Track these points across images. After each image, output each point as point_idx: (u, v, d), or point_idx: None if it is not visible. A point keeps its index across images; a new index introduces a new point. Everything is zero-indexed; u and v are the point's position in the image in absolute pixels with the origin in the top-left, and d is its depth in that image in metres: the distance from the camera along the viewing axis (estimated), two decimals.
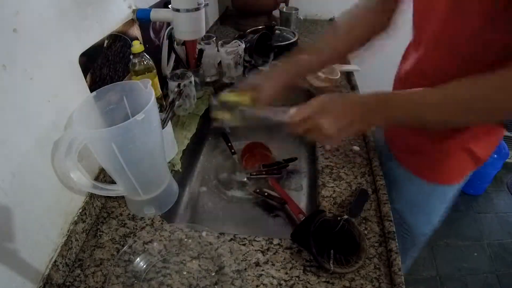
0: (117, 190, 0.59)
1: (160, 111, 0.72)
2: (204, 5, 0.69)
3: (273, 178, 0.79)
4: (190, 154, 0.88)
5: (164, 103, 0.75)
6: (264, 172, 0.81)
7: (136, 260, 0.56)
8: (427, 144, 0.66)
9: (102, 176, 0.65)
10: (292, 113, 0.55)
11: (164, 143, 0.64)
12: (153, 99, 0.50)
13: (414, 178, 0.71)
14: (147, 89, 0.53)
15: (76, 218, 0.57)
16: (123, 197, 0.66)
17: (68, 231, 0.56)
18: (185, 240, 0.59)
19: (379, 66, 1.16)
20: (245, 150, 0.89)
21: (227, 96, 0.64)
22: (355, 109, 0.51)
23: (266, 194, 0.74)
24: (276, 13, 1.51)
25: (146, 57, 0.70)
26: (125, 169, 0.53)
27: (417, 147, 0.68)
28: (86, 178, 0.54)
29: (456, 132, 0.61)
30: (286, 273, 0.54)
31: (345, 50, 0.71)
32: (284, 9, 1.42)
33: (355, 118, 0.50)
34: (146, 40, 0.81)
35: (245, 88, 0.65)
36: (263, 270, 0.54)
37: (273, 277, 0.53)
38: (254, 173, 0.81)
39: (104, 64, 0.64)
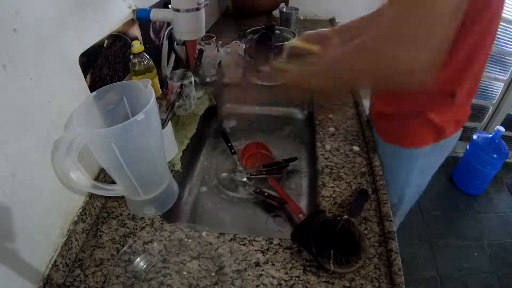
0: (117, 190, 0.59)
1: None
2: (204, 5, 0.69)
3: (273, 178, 0.79)
4: (190, 154, 0.88)
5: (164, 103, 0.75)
6: (264, 172, 0.81)
7: (136, 260, 0.56)
8: (390, 110, 0.74)
9: (102, 176, 0.65)
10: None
11: (164, 143, 0.64)
12: (153, 99, 0.50)
13: (381, 141, 0.78)
14: (147, 89, 0.53)
15: (76, 218, 0.57)
16: (123, 197, 0.66)
17: (68, 231, 0.56)
18: (185, 240, 0.59)
19: None
20: (245, 150, 0.89)
21: (298, 43, 0.69)
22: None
23: (266, 194, 0.74)
24: (276, 13, 1.51)
25: (146, 57, 0.70)
26: (125, 169, 0.53)
27: (384, 113, 0.77)
28: (86, 178, 0.54)
29: (414, 99, 0.66)
30: (286, 273, 0.54)
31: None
32: (284, 9, 1.42)
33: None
34: (146, 40, 0.81)
35: (313, 38, 0.72)
36: (263, 270, 0.54)
37: (273, 277, 0.53)
38: (254, 173, 0.81)
39: (104, 64, 0.64)
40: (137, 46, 0.67)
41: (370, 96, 0.87)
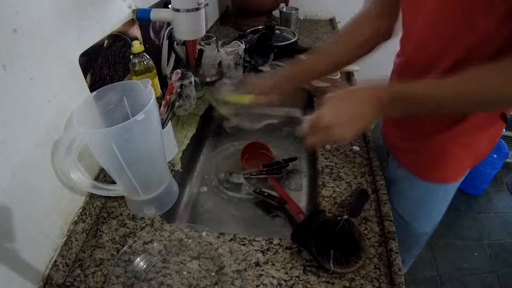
0: (117, 190, 0.59)
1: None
2: (204, 5, 0.69)
3: (273, 178, 0.79)
4: (190, 154, 0.88)
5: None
6: (264, 172, 0.81)
7: (136, 260, 0.56)
8: (423, 143, 0.66)
9: (102, 176, 0.65)
10: (305, 126, 0.53)
11: (165, 143, 0.64)
12: (153, 99, 0.50)
13: (414, 178, 0.71)
14: (147, 89, 0.53)
15: (76, 218, 0.58)
16: (123, 197, 0.66)
17: (68, 231, 0.56)
18: (185, 240, 0.59)
19: (379, 66, 1.16)
20: (245, 150, 0.89)
21: (228, 96, 0.67)
22: (367, 107, 0.49)
23: (266, 194, 0.74)
24: (276, 13, 1.51)
25: (146, 57, 0.70)
26: (125, 169, 0.53)
27: (414, 147, 0.68)
28: (86, 178, 0.54)
29: (452, 127, 0.60)
30: (286, 273, 0.54)
31: (347, 56, 0.72)
32: (284, 9, 1.42)
33: (368, 118, 0.50)
34: (146, 40, 0.81)
35: (244, 89, 0.67)
36: (263, 270, 0.54)
37: (273, 277, 0.53)
38: (254, 173, 0.81)
39: (104, 64, 0.64)
40: (137, 46, 0.67)
41: (384, 130, 0.79)
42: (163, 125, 0.68)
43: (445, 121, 0.60)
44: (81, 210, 0.59)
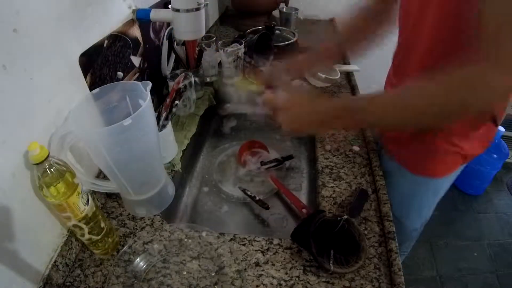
0: (110, 186, 0.60)
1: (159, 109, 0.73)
2: (204, 5, 0.69)
3: (272, 175, 0.79)
4: (190, 154, 0.88)
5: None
6: (262, 169, 0.82)
7: (136, 260, 0.56)
8: (415, 139, 0.67)
9: (102, 176, 0.65)
10: (264, 99, 0.64)
11: (165, 143, 0.64)
12: (145, 104, 0.50)
13: (404, 171, 0.73)
14: (146, 91, 0.53)
15: None
16: None
17: (68, 231, 0.56)
18: (185, 240, 0.59)
19: (379, 66, 1.16)
20: (243, 149, 0.89)
21: (239, 82, 0.74)
22: (313, 118, 0.55)
23: (253, 196, 0.74)
24: (276, 13, 1.51)
25: (54, 161, 0.45)
26: (114, 170, 0.52)
27: (407, 142, 0.70)
28: (79, 173, 0.54)
29: (442, 128, 0.62)
30: (286, 273, 0.54)
31: (345, 46, 0.75)
32: (284, 9, 1.42)
33: (310, 127, 0.57)
34: (146, 40, 0.81)
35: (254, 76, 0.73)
36: (263, 270, 0.54)
37: (273, 277, 0.53)
38: (253, 171, 0.82)
39: (104, 64, 0.64)
40: (36, 153, 0.41)
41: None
42: (162, 127, 0.67)
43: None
44: None
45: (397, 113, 0.47)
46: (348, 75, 1.11)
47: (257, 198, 0.74)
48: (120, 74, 0.70)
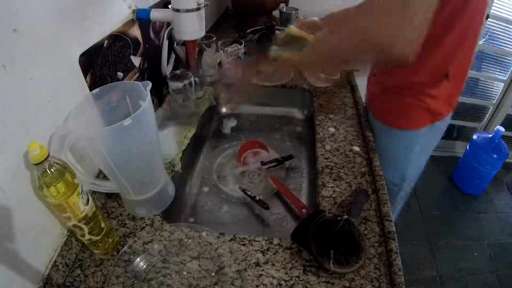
0: (109, 187, 0.60)
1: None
2: (204, 5, 0.69)
3: (273, 175, 0.79)
4: (190, 154, 0.88)
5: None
6: (262, 168, 0.82)
7: (136, 260, 0.56)
8: (389, 95, 0.79)
9: (103, 176, 0.65)
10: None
11: (165, 143, 0.64)
12: (145, 104, 0.50)
13: (380, 124, 0.83)
14: (146, 91, 0.53)
15: None
16: None
17: (68, 231, 0.56)
18: (185, 240, 0.59)
19: None
20: (243, 149, 0.89)
21: (293, 30, 0.76)
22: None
23: (253, 196, 0.74)
24: (276, 13, 1.51)
25: (54, 161, 0.45)
26: (114, 170, 0.52)
27: (381, 98, 0.82)
28: (79, 174, 0.54)
29: (408, 85, 0.73)
30: (286, 273, 0.54)
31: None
32: (284, 9, 1.42)
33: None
34: (146, 40, 0.81)
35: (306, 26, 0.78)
36: (263, 270, 0.54)
37: (273, 277, 0.53)
38: (253, 170, 0.82)
39: (104, 64, 0.64)
40: (36, 153, 0.41)
41: (367, 81, 0.92)
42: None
43: (403, 76, 0.73)
44: None
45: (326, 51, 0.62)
46: (348, 75, 1.11)
47: (257, 198, 0.74)
48: (120, 74, 0.70)
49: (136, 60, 0.77)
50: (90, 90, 0.60)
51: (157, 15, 0.72)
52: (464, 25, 0.62)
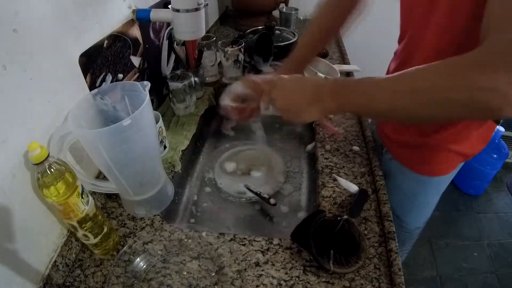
0: (109, 187, 0.60)
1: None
2: (204, 5, 0.69)
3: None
4: (190, 154, 0.88)
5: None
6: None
7: (136, 260, 0.56)
8: (416, 139, 0.67)
9: (102, 177, 0.65)
10: (245, 80, 0.58)
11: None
12: (145, 104, 0.50)
13: (405, 170, 0.73)
14: (144, 91, 0.53)
15: None
16: None
17: (68, 231, 0.56)
18: (185, 240, 0.59)
19: (379, 66, 1.16)
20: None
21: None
22: (307, 89, 0.50)
23: (258, 192, 0.74)
24: (276, 13, 1.51)
25: (53, 160, 0.45)
26: (114, 170, 0.52)
27: (407, 142, 0.69)
28: (79, 174, 0.53)
29: (439, 129, 0.62)
30: (286, 273, 0.54)
31: (326, 30, 0.75)
32: (284, 9, 1.42)
33: (305, 99, 0.49)
34: (146, 40, 0.81)
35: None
36: (263, 270, 0.54)
37: (273, 277, 0.53)
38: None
39: (104, 64, 0.64)
40: (36, 153, 0.41)
41: (379, 123, 0.81)
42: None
43: (438, 123, 0.61)
44: None
45: (389, 94, 0.42)
46: (348, 75, 1.11)
47: (263, 195, 0.73)
48: (120, 75, 0.70)
49: (136, 60, 0.77)
50: (90, 90, 0.60)
51: (157, 15, 0.72)
52: None
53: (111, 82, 0.67)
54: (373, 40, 1.56)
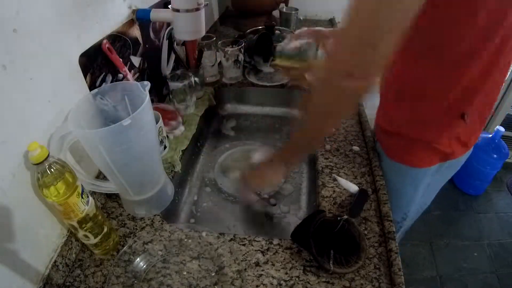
0: (109, 187, 0.60)
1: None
2: (204, 5, 0.69)
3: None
4: (190, 154, 0.88)
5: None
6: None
7: (136, 260, 0.56)
8: (398, 132, 0.70)
9: (102, 177, 0.65)
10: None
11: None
12: (145, 104, 0.50)
13: (386, 158, 0.74)
14: (144, 91, 0.53)
15: None
16: None
17: (68, 231, 0.56)
18: (185, 240, 0.59)
19: None
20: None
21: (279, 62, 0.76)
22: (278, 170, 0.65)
23: (258, 192, 0.74)
24: (276, 13, 1.50)
25: (53, 160, 0.45)
26: (114, 170, 0.52)
27: (388, 131, 0.73)
28: (79, 174, 0.53)
29: (419, 130, 0.66)
30: (286, 273, 0.54)
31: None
32: (284, 9, 1.42)
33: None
34: (146, 40, 0.81)
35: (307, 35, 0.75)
36: (263, 270, 0.54)
37: (273, 277, 0.53)
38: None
39: (104, 64, 0.64)
40: (37, 153, 0.41)
41: (376, 116, 0.83)
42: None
43: (415, 121, 0.66)
44: None
45: (308, 140, 0.59)
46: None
47: (263, 195, 0.73)
48: (120, 75, 0.70)
49: (136, 60, 0.77)
50: (90, 90, 0.60)
51: (157, 15, 0.72)
52: (493, 50, 0.51)
53: (111, 82, 0.67)
54: None
